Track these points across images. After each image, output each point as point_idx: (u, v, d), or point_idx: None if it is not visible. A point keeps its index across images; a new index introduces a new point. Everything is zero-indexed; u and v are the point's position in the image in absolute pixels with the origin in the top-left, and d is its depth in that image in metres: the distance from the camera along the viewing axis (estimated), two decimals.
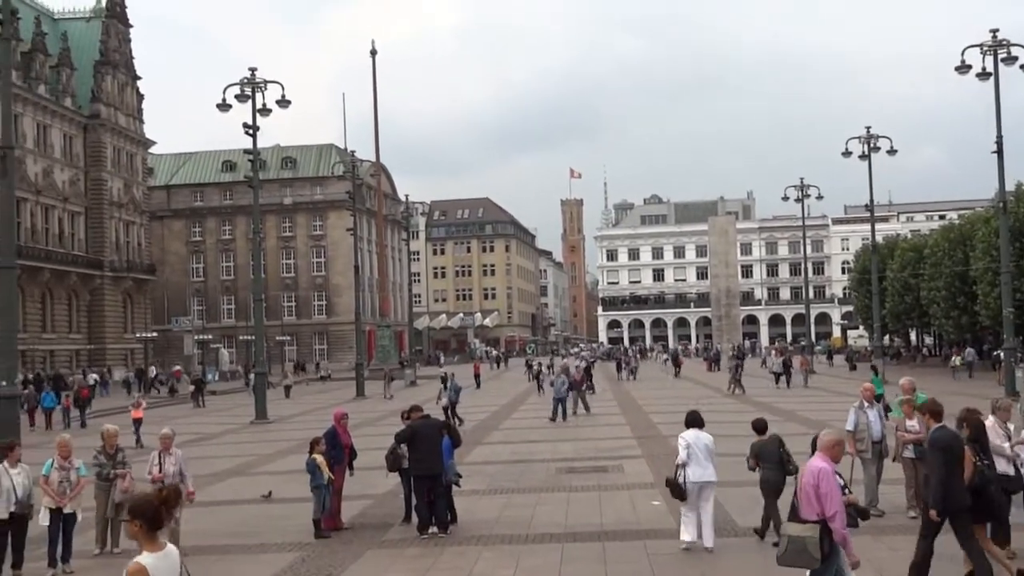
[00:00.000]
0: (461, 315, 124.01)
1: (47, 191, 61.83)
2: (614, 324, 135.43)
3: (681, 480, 10.56)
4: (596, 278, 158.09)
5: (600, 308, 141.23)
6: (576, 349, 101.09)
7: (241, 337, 79.46)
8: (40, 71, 61.47)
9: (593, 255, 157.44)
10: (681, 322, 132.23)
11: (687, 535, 10.71)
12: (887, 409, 14.35)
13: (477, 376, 49.94)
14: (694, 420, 10.97)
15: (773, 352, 56.07)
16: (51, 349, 60.99)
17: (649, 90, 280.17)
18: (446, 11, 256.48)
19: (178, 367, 62.41)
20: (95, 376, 52.66)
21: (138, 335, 68.02)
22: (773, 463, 10.81)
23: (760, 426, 11.34)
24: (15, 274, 18.28)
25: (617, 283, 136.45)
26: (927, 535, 8.59)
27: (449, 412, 27.45)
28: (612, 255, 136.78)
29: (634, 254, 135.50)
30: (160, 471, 11.83)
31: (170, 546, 4.82)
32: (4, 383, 19.48)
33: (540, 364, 48.16)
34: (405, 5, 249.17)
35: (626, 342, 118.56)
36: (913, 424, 11.96)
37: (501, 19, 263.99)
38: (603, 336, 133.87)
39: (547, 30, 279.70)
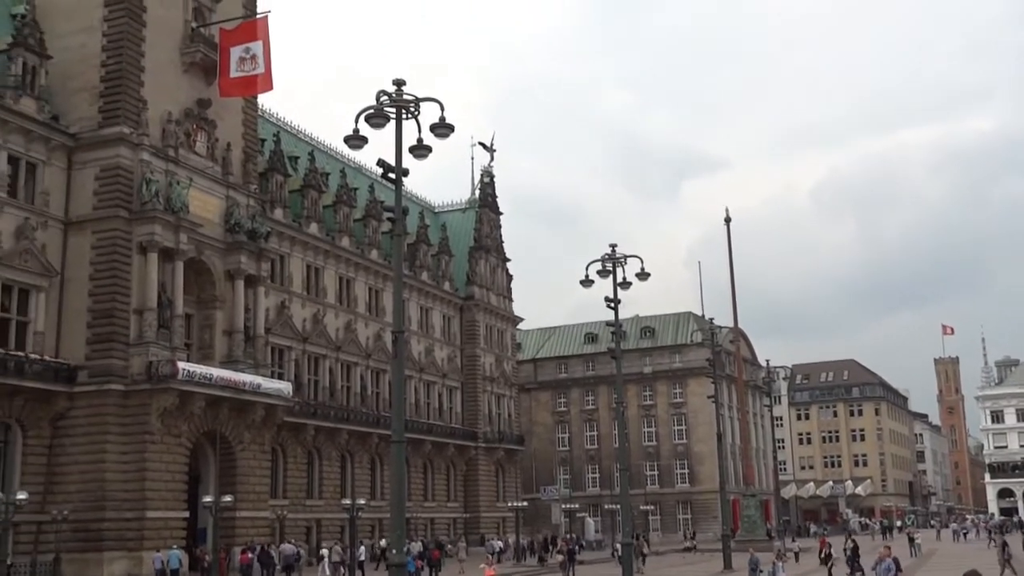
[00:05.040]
0: (830, 483, 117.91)
1: (428, 368, 67.03)
2: (1005, 493, 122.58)
3: None
4: (980, 442, 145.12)
5: (987, 475, 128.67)
6: (967, 520, 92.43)
7: (606, 506, 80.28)
8: (423, 259, 67.77)
9: (975, 417, 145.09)
10: None
11: None
12: None
13: (821, 551, 45.55)
14: None
15: None
16: (431, 517, 64.82)
17: None
18: (804, 174, 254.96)
19: (569, 534, 63.98)
20: (500, 543, 55.79)
21: (509, 504, 70.65)
22: None
23: None
24: (404, 448, 19.84)
25: (1005, 447, 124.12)
26: None
27: None
28: (997, 416, 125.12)
29: None
30: None
31: None
32: (394, 551, 20.93)
33: (830, 545, 38.79)
34: (759, 172, 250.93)
35: (1022, 513, 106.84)
36: None
37: (863, 176, 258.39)
38: (992, 506, 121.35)
39: (916, 184, 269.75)
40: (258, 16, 43.77)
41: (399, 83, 20.29)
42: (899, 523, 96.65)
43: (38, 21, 39.92)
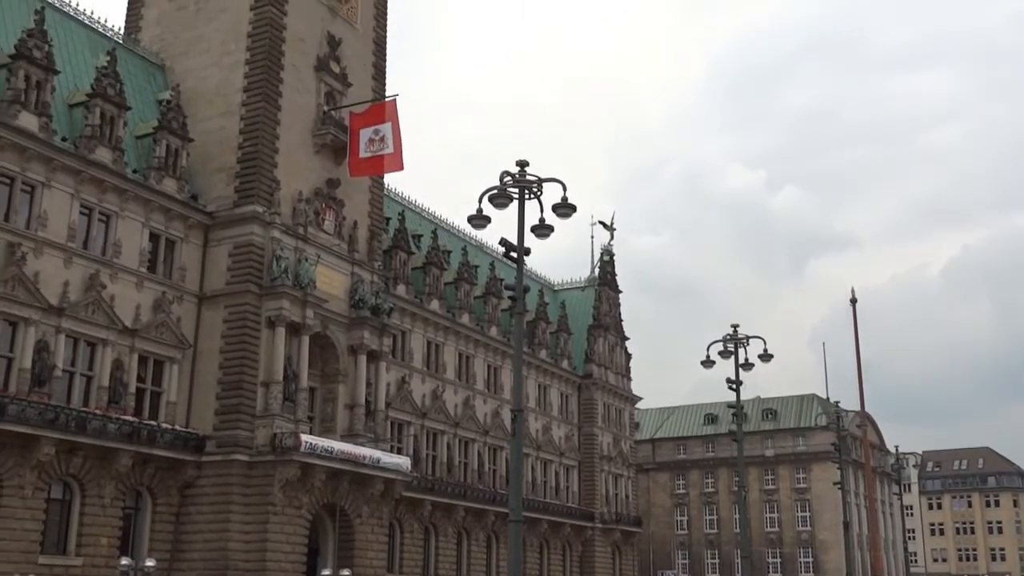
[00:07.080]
0: None
1: (546, 446, 66.72)
2: None
3: None
4: None
5: None
6: None
7: None
8: (542, 337, 67.94)
9: None
10: None
11: None
12: None
13: None
14: None
15: None
16: None
17: None
18: (935, 252, 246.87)
19: None
20: None
21: None
22: None
23: None
24: (521, 527, 19.74)
25: None
26: None
27: None
28: None
29: None
30: None
31: None
32: None
33: None
34: (888, 251, 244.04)
35: None
36: None
37: (998, 254, 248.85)
38: None
39: None
40: (387, 99, 45.29)
41: (522, 164, 20.68)
42: None
43: (182, 106, 42.10)
